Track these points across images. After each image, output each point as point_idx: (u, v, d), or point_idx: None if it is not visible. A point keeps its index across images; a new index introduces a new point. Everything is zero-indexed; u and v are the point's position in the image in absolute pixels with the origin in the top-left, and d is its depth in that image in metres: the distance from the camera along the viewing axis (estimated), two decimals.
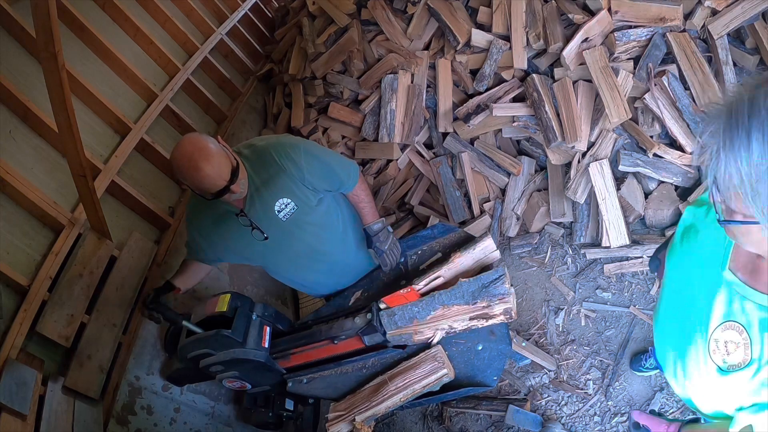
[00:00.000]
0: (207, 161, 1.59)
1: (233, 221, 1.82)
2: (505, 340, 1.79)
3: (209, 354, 1.94)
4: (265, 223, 1.82)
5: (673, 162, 2.46)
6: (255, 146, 1.82)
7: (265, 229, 1.83)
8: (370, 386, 1.85)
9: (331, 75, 3.45)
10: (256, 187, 1.77)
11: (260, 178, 1.77)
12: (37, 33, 1.59)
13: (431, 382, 1.74)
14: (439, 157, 3.05)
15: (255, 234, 1.83)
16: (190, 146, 1.61)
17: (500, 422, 2.36)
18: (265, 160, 1.78)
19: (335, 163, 1.88)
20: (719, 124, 0.75)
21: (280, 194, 1.79)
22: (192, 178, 1.61)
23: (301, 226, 1.87)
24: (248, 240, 1.86)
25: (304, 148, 1.81)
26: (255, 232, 1.82)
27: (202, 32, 3.74)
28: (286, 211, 1.82)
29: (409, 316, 1.76)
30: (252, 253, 1.95)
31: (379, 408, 1.77)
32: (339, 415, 1.82)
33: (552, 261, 2.72)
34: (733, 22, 2.37)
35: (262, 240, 1.85)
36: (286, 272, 2.11)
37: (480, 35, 2.91)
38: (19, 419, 1.61)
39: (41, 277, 1.93)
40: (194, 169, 1.59)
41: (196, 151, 1.60)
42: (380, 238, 1.98)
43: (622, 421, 2.21)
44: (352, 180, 1.92)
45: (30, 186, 2.03)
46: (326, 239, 1.97)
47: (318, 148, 1.91)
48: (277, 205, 1.80)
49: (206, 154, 1.60)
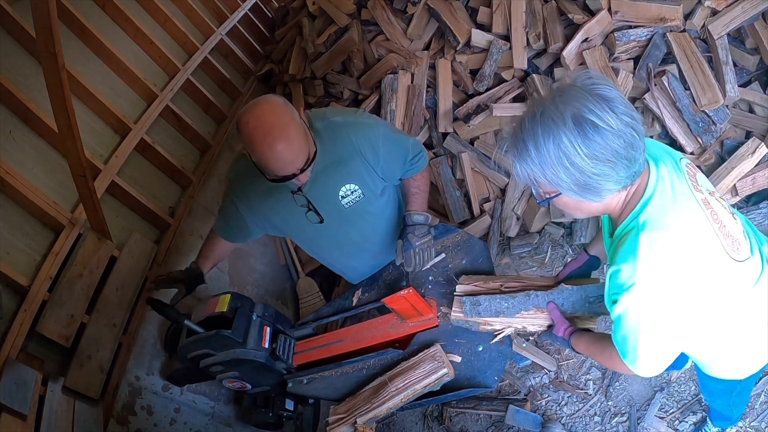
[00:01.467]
0: (286, 142, 1.39)
1: (287, 197, 1.65)
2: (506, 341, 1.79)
3: (209, 354, 1.94)
4: (324, 206, 1.68)
5: None
6: (331, 121, 1.61)
7: (322, 212, 1.69)
8: (370, 387, 1.82)
9: (331, 75, 3.45)
10: (324, 167, 1.59)
11: (330, 158, 1.59)
12: (37, 33, 1.59)
13: (432, 382, 1.71)
14: (439, 157, 3.05)
15: (310, 216, 1.68)
16: (272, 116, 1.39)
17: (500, 422, 2.36)
18: (341, 139, 1.59)
19: (411, 146, 1.74)
20: (512, 139, 1.09)
21: (348, 179, 1.64)
22: (261, 154, 1.41)
23: (361, 215, 1.76)
24: (299, 219, 1.72)
25: (383, 131, 1.65)
26: (310, 213, 1.68)
27: (202, 32, 3.74)
28: (351, 198, 1.68)
29: (496, 309, 1.65)
30: (298, 233, 1.83)
31: (380, 410, 1.74)
32: (340, 418, 1.79)
33: (552, 261, 2.72)
34: (733, 22, 2.37)
35: (316, 222, 1.71)
36: (330, 256, 1.99)
37: (480, 35, 2.91)
38: (19, 419, 1.61)
39: (41, 277, 1.93)
40: (268, 146, 1.38)
41: (278, 126, 1.38)
42: (416, 231, 1.77)
43: (623, 421, 2.21)
44: (422, 163, 1.79)
45: (30, 186, 2.03)
46: (379, 230, 1.88)
47: (395, 131, 1.75)
48: (342, 191, 1.65)
49: (287, 133, 1.39)
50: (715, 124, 2.41)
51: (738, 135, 2.48)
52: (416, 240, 1.77)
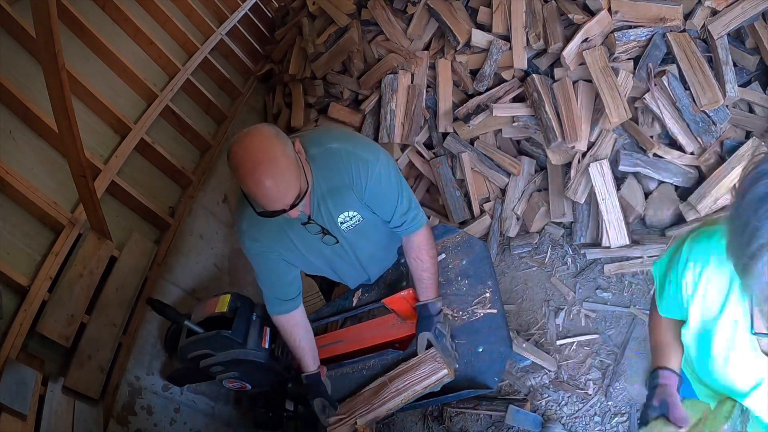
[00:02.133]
0: (273, 178, 1.32)
1: (297, 229, 1.63)
2: (506, 342, 1.79)
3: (209, 354, 1.94)
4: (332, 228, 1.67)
5: (673, 162, 2.46)
6: (326, 147, 1.56)
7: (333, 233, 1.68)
8: (370, 388, 1.83)
9: (331, 75, 3.45)
10: (323, 194, 1.57)
11: (327, 185, 1.57)
12: (37, 33, 1.59)
13: (431, 383, 1.71)
14: (439, 157, 3.05)
15: (327, 240, 1.67)
16: (260, 150, 1.32)
17: (500, 422, 2.35)
18: (337, 167, 1.55)
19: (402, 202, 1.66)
20: None
21: (345, 207, 1.62)
22: (248, 188, 1.36)
23: (365, 235, 1.76)
24: (316, 246, 1.71)
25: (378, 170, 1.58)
26: (327, 237, 1.66)
27: (202, 32, 3.74)
28: (350, 223, 1.67)
29: None
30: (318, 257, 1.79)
31: (380, 410, 1.75)
32: (340, 418, 1.80)
33: (552, 261, 2.72)
34: (733, 22, 2.36)
35: (333, 244, 1.70)
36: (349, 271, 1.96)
37: (480, 35, 2.90)
38: (19, 419, 1.61)
39: (41, 277, 1.93)
40: (255, 182, 1.32)
41: (266, 161, 1.32)
42: (440, 319, 1.74)
43: (623, 421, 2.21)
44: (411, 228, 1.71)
45: (30, 186, 2.03)
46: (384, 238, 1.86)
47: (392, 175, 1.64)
48: (341, 218, 1.64)
49: (275, 168, 1.32)
50: (715, 124, 2.41)
51: (738, 135, 2.48)
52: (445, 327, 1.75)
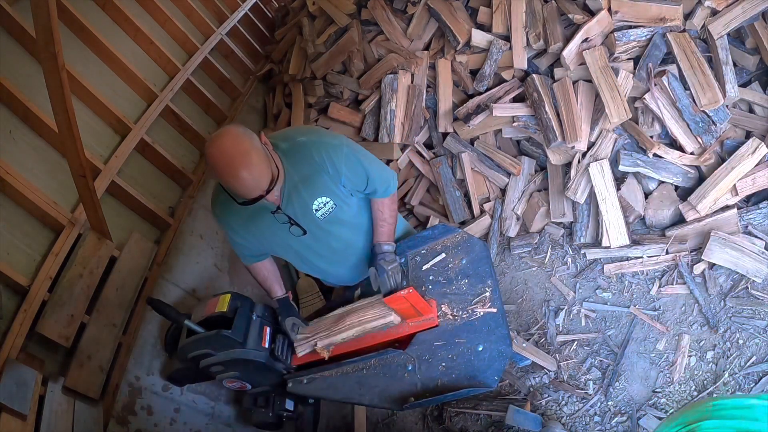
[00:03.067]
0: (247, 168, 1.49)
1: (268, 217, 1.77)
2: (506, 341, 1.79)
3: (209, 354, 1.94)
4: (302, 220, 1.80)
5: (673, 162, 2.46)
6: (294, 140, 1.74)
7: (303, 225, 1.80)
8: (331, 316, 2.04)
9: (331, 75, 3.45)
10: (294, 183, 1.72)
11: (299, 174, 1.71)
12: (37, 33, 1.59)
13: (378, 326, 1.91)
14: (439, 157, 3.05)
15: (293, 230, 1.80)
16: (232, 147, 1.50)
17: (500, 422, 2.35)
18: (305, 157, 1.71)
19: (375, 171, 1.84)
20: None
21: (318, 193, 1.75)
22: (227, 182, 1.54)
23: (337, 224, 1.87)
24: (284, 236, 1.83)
25: (346, 150, 1.76)
26: (293, 228, 1.80)
27: (202, 32, 3.75)
28: (325, 210, 1.79)
29: None
30: (286, 249, 1.94)
31: (335, 338, 1.95)
32: (305, 337, 2.02)
33: (552, 261, 2.72)
34: (733, 22, 2.36)
35: (300, 236, 1.83)
36: (317, 266, 2.08)
37: (480, 35, 2.91)
38: (19, 419, 1.61)
39: (41, 278, 1.93)
40: (232, 175, 1.50)
41: (238, 155, 1.49)
42: (386, 257, 1.92)
43: (623, 421, 2.21)
44: (387, 192, 1.90)
45: (30, 186, 2.03)
46: (360, 234, 1.99)
47: (361, 151, 1.85)
48: (315, 204, 1.77)
49: (247, 160, 1.49)
50: (715, 124, 2.41)
51: (738, 135, 2.48)
52: (387, 266, 1.90)
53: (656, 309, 2.38)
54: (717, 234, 2.24)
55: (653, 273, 2.45)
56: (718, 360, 2.16)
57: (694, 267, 2.34)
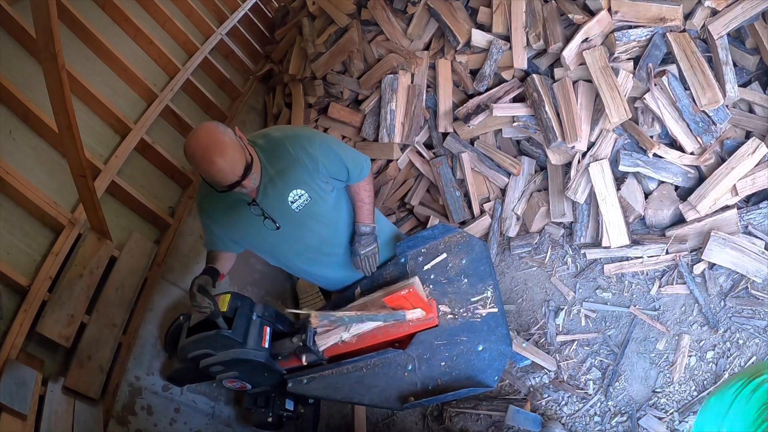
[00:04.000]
0: (221, 155, 1.59)
1: (245, 210, 1.83)
2: (506, 340, 1.79)
3: (209, 354, 1.94)
4: (277, 213, 1.84)
5: (673, 162, 2.46)
6: (270, 136, 1.83)
7: (277, 219, 1.85)
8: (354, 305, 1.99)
9: (331, 75, 3.45)
10: (270, 177, 1.79)
11: (274, 168, 1.78)
12: (37, 33, 1.59)
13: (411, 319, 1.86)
14: (439, 157, 3.05)
15: (267, 223, 1.85)
16: (206, 138, 1.61)
17: (500, 422, 2.35)
18: (280, 151, 1.79)
19: (349, 157, 1.91)
20: None
21: (293, 185, 1.81)
22: (204, 171, 1.63)
23: (313, 217, 1.90)
24: (259, 229, 1.88)
25: (320, 140, 1.84)
26: (267, 221, 1.84)
27: (202, 32, 3.75)
28: (300, 202, 1.84)
29: None
30: (262, 243, 1.98)
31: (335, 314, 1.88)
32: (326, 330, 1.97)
33: (552, 261, 2.72)
34: (733, 22, 2.36)
35: (273, 229, 1.87)
36: (293, 263, 2.12)
37: (480, 35, 2.90)
38: (19, 419, 1.62)
39: (41, 277, 1.93)
40: (208, 162, 1.59)
41: (212, 144, 1.59)
42: (362, 241, 1.99)
43: (623, 421, 2.21)
44: (363, 174, 1.96)
45: (30, 186, 2.03)
46: (336, 231, 2.02)
47: (334, 141, 1.95)
48: (290, 196, 1.82)
49: (221, 147, 1.59)
50: (715, 124, 2.41)
51: (738, 135, 2.48)
52: (361, 249, 1.98)
53: (656, 309, 2.38)
54: (717, 234, 2.24)
55: (653, 273, 2.45)
56: (718, 360, 2.16)
57: (694, 267, 2.34)
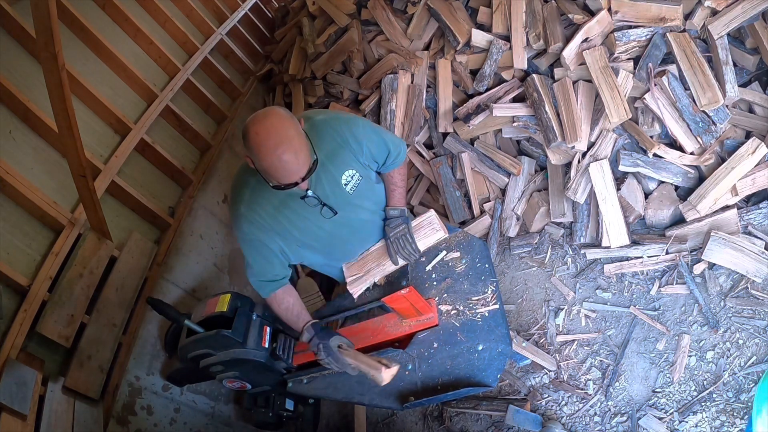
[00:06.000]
0: (294, 154, 1.48)
1: (297, 204, 1.71)
2: (506, 340, 1.79)
3: (209, 354, 1.94)
4: (332, 198, 1.77)
5: (673, 162, 2.46)
6: (313, 120, 1.73)
7: (332, 204, 1.77)
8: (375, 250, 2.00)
9: (331, 75, 3.46)
10: (321, 162, 1.65)
11: (323, 152, 1.68)
12: (37, 33, 1.59)
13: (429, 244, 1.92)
14: (439, 157, 3.05)
15: (324, 212, 1.77)
16: (282, 129, 1.47)
17: (500, 422, 2.36)
18: (326, 133, 1.72)
19: (389, 138, 1.90)
20: None
21: (345, 166, 1.76)
22: (270, 164, 1.48)
23: (365, 195, 1.87)
24: (315, 220, 1.79)
25: (361, 122, 1.83)
26: (325, 210, 1.76)
27: (202, 32, 3.75)
28: (353, 182, 1.79)
29: None
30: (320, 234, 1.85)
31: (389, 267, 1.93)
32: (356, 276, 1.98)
33: (552, 261, 2.72)
34: (733, 22, 2.36)
35: (331, 217, 1.79)
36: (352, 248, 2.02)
37: (480, 35, 2.90)
38: (19, 419, 1.62)
39: (41, 277, 1.94)
40: (278, 157, 1.46)
41: (286, 140, 1.47)
42: (392, 224, 1.93)
43: (623, 421, 2.21)
44: (401, 157, 1.94)
45: (30, 186, 2.03)
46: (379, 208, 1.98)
47: (373, 125, 1.91)
48: (344, 178, 1.76)
49: (295, 146, 1.48)
50: (715, 124, 2.41)
51: (738, 135, 2.48)
52: (390, 231, 1.93)
53: (656, 309, 2.38)
54: (717, 234, 2.24)
55: (653, 273, 2.45)
56: (718, 360, 2.16)
57: (694, 267, 2.34)
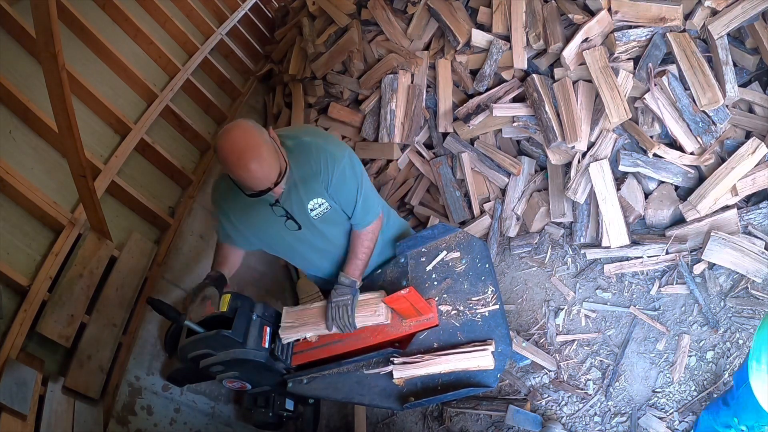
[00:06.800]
0: (258, 162, 1.52)
1: (266, 209, 1.78)
2: (506, 340, 1.79)
3: (209, 354, 1.94)
4: (297, 215, 1.81)
5: (673, 162, 2.46)
6: (300, 140, 1.76)
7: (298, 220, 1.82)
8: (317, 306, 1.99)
9: (331, 75, 3.46)
10: (295, 181, 1.73)
11: (299, 173, 1.73)
12: (37, 33, 1.59)
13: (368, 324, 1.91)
14: (439, 157, 3.05)
15: (288, 224, 1.82)
16: (243, 141, 1.52)
17: (500, 422, 2.36)
18: (307, 156, 1.74)
19: (362, 202, 1.85)
20: None
21: (314, 194, 1.78)
22: (237, 175, 1.55)
23: (330, 223, 1.88)
24: (279, 229, 1.84)
25: (347, 166, 1.77)
26: (289, 222, 1.81)
27: (202, 32, 3.75)
28: (319, 210, 1.81)
29: None
30: (280, 242, 1.94)
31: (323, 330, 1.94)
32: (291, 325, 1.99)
33: (552, 261, 2.72)
34: (733, 22, 2.36)
35: (294, 230, 1.84)
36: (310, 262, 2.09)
37: (480, 35, 2.91)
38: (19, 419, 1.61)
39: (41, 277, 1.93)
40: (243, 168, 1.52)
41: (249, 149, 1.51)
42: (339, 290, 1.91)
43: (623, 421, 2.21)
44: (363, 225, 1.91)
45: (30, 186, 2.03)
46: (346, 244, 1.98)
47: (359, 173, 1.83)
48: (311, 204, 1.79)
49: (258, 153, 1.52)
50: (715, 124, 2.41)
51: (738, 135, 2.48)
52: (334, 297, 1.91)
53: (656, 309, 2.38)
54: (717, 234, 2.24)
55: (653, 273, 2.45)
56: (718, 360, 2.16)
57: (694, 267, 2.34)
